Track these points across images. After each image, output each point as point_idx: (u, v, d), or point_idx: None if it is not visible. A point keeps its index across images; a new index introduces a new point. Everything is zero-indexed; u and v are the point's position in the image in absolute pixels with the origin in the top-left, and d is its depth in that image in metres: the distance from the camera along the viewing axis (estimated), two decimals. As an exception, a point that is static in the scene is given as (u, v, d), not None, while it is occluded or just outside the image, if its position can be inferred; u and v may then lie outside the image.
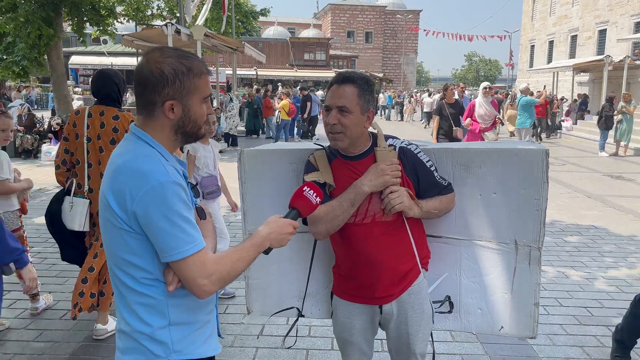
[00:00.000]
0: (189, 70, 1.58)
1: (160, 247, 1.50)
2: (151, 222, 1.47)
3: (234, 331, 4.06)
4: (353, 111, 2.08)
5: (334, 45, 55.01)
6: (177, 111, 1.58)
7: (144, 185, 1.47)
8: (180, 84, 1.56)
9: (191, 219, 1.54)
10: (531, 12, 34.91)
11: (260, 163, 2.43)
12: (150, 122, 1.60)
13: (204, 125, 1.68)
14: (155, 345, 1.58)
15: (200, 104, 1.63)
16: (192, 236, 1.51)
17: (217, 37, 13.93)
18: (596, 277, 5.29)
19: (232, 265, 1.57)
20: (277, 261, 2.50)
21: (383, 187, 2.08)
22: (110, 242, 1.57)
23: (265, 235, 1.67)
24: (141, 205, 1.47)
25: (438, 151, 2.31)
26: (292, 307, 2.55)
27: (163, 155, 1.58)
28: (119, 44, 28.97)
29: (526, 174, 2.20)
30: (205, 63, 1.64)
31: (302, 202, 1.83)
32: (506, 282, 2.32)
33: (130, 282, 1.56)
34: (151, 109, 1.58)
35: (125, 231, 1.51)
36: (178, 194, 1.50)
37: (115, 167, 1.54)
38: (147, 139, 1.58)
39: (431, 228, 2.36)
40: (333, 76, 2.21)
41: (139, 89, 1.58)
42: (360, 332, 2.32)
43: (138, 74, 1.58)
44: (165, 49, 1.60)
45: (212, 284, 1.52)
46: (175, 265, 1.51)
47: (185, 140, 1.67)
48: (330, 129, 2.10)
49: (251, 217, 2.48)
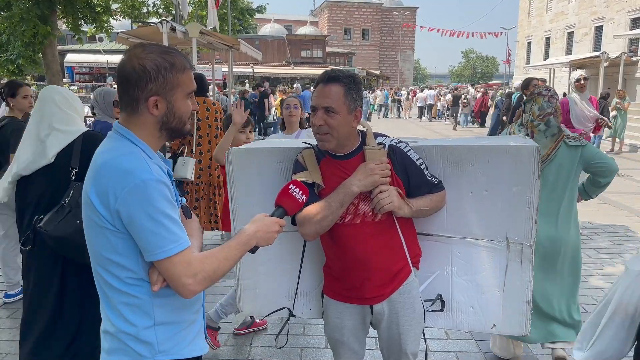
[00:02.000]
0: (172, 66, 1.56)
1: (144, 246, 1.48)
2: (135, 221, 1.45)
3: (226, 330, 4.04)
4: (339, 111, 2.05)
5: (331, 43, 54.93)
6: (161, 107, 1.56)
7: (127, 183, 1.44)
8: (163, 80, 1.54)
9: (176, 218, 1.51)
10: (528, 9, 34.91)
11: (249, 162, 2.40)
12: (134, 119, 1.58)
13: (188, 121, 1.66)
14: (141, 345, 1.56)
15: (185, 100, 1.61)
16: (177, 235, 1.49)
17: (212, 35, 13.85)
18: (591, 273, 5.29)
19: (219, 264, 1.55)
20: (267, 261, 2.49)
21: (372, 186, 2.06)
22: (93, 242, 1.55)
23: (252, 234, 1.64)
24: (124, 204, 1.44)
25: (428, 149, 2.29)
26: (283, 307, 2.53)
27: (147, 152, 1.56)
28: (115, 42, 28.88)
29: (517, 171, 2.18)
30: (188, 58, 1.62)
31: (288, 201, 1.80)
32: (498, 279, 2.31)
33: (114, 282, 1.54)
34: (135, 105, 1.56)
35: (108, 230, 1.49)
36: (162, 192, 1.48)
37: (98, 165, 1.52)
38: (130, 137, 1.56)
39: (422, 226, 2.34)
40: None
41: (122, 86, 1.56)
42: (351, 332, 2.30)
43: (120, 71, 1.56)
44: (147, 45, 1.58)
45: (197, 284, 1.50)
46: (160, 264, 1.48)
47: (170, 136, 1.65)
48: (317, 130, 2.08)
49: (240, 216, 2.45)
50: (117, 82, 1.58)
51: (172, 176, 1.67)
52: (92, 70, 37.91)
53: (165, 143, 4.05)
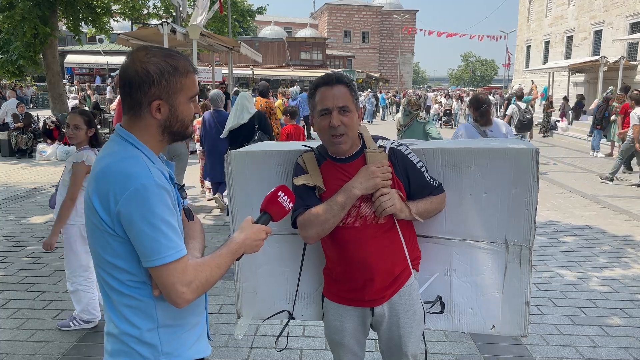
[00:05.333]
0: (175, 70, 1.56)
1: (141, 251, 1.47)
2: (133, 225, 1.45)
3: (227, 331, 4.05)
4: (352, 110, 2.07)
5: (331, 45, 54.99)
6: (164, 111, 1.56)
7: (127, 187, 1.44)
8: (166, 84, 1.54)
9: (174, 225, 1.51)
10: (527, 13, 34.94)
11: (248, 165, 2.40)
12: (136, 123, 1.58)
13: (190, 124, 1.67)
14: (144, 347, 1.56)
15: (187, 103, 1.61)
16: (175, 242, 1.48)
17: (213, 37, 13.87)
18: (590, 277, 5.30)
19: (211, 271, 1.54)
20: (267, 263, 2.48)
21: (374, 189, 2.06)
22: (95, 245, 1.55)
23: (241, 242, 1.64)
24: (124, 208, 1.44)
25: (428, 151, 2.30)
26: (283, 310, 2.53)
27: (149, 157, 1.56)
28: (114, 43, 28.88)
29: (516, 173, 2.19)
30: (192, 61, 1.63)
31: (275, 209, 1.76)
32: (497, 281, 2.32)
33: (116, 285, 1.54)
34: (137, 109, 1.56)
35: (108, 234, 1.49)
36: (162, 197, 1.48)
37: (99, 169, 1.52)
38: (132, 140, 1.56)
39: (422, 228, 2.35)
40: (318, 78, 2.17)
41: (125, 89, 1.56)
42: (351, 334, 2.30)
43: (123, 74, 1.56)
44: (150, 48, 1.58)
45: (191, 292, 1.49)
46: (155, 270, 1.47)
47: (172, 140, 1.65)
48: (334, 132, 2.06)
49: (239, 218, 2.44)
50: (120, 85, 1.58)
51: (174, 179, 1.68)
52: (92, 71, 37.95)
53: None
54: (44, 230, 6.75)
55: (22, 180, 10.17)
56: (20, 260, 5.65)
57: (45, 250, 3.92)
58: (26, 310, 4.41)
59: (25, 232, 6.70)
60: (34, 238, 6.41)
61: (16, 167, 11.78)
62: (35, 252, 5.89)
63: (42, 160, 12.62)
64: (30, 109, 25.50)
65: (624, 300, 4.73)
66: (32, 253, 5.87)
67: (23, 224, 7.09)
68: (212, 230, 6.81)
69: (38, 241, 6.25)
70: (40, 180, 10.26)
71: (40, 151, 12.83)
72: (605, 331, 4.12)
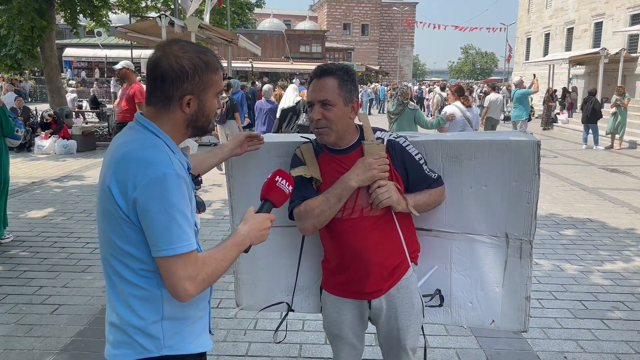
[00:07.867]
0: (207, 66, 1.58)
1: (152, 240, 1.46)
2: (149, 213, 1.44)
3: (226, 325, 4.04)
4: (336, 103, 2.04)
5: (330, 38, 54.82)
6: (193, 106, 1.58)
7: (147, 174, 1.44)
8: (199, 79, 1.56)
9: (188, 216, 1.50)
10: (527, 5, 34.81)
11: (247, 157, 2.38)
12: (162, 115, 1.58)
13: (213, 119, 1.68)
14: (147, 339, 1.56)
15: (214, 99, 1.63)
16: (187, 234, 1.48)
17: (211, 29, 13.82)
18: (591, 270, 5.28)
19: (216, 265, 1.54)
20: (266, 256, 2.47)
21: (371, 181, 2.04)
22: (108, 231, 1.54)
23: (246, 234, 1.64)
24: (141, 195, 1.44)
25: (427, 143, 2.27)
26: (282, 301, 2.52)
27: (169, 146, 1.56)
28: (113, 36, 28.77)
29: (517, 166, 2.16)
30: (218, 58, 1.65)
31: (275, 194, 1.76)
32: (497, 275, 2.29)
33: (126, 273, 1.54)
34: (167, 102, 1.57)
35: (123, 220, 1.48)
36: (180, 187, 1.48)
37: (120, 155, 1.51)
38: (153, 129, 1.56)
39: (421, 221, 2.32)
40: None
41: (156, 82, 1.56)
42: (349, 326, 2.29)
43: (155, 67, 1.56)
44: (182, 43, 1.59)
45: (196, 286, 1.49)
46: (164, 261, 1.46)
47: (194, 133, 1.66)
48: (315, 125, 2.07)
49: (239, 211, 2.43)
50: (150, 78, 1.57)
51: (190, 169, 1.67)
52: (90, 65, 37.86)
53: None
54: (42, 224, 6.73)
55: (21, 175, 10.13)
56: (18, 255, 5.63)
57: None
58: (24, 305, 4.39)
59: (23, 226, 6.67)
60: (32, 232, 6.38)
61: (14, 161, 11.71)
62: (33, 247, 5.87)
63: (40, 155, 12.57)
64: (29, 102, 25.44)
65: (625, 294, 4.71)
66: (30, 247, 5.85)
67: (21, 218, 7.06)
68: (212, 224, 6.79)
69: (36, 235, 6.23)
70: (39, 174, 10.23)
71: (39, 145, 12.76)
72: (607, 324, 4.11)
